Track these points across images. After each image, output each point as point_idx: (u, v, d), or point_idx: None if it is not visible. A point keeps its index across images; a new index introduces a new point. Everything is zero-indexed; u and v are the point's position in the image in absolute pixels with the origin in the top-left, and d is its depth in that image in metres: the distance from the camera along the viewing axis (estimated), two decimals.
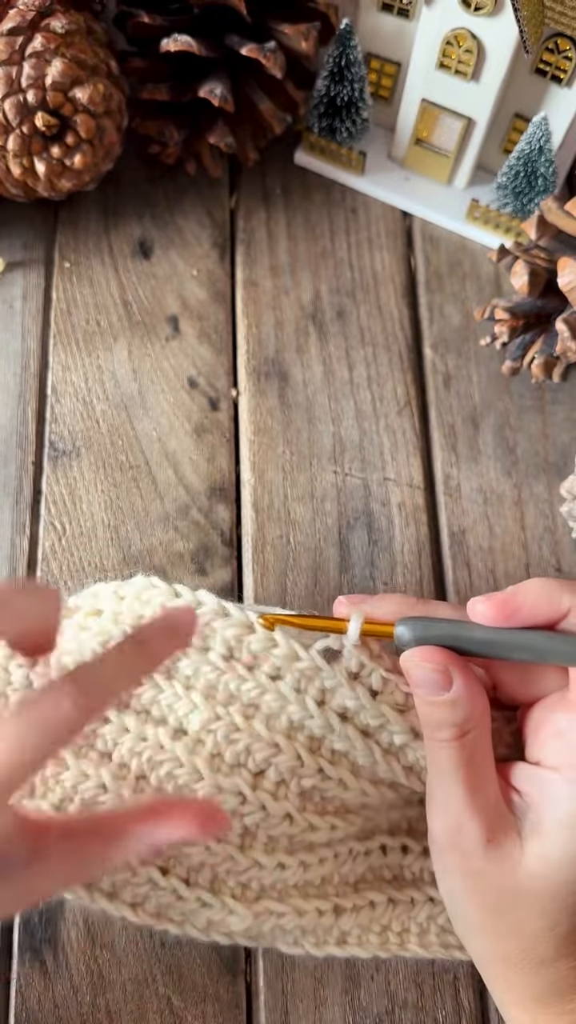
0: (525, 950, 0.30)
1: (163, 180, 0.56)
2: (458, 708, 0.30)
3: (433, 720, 0.30)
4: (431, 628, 0.31)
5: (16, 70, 0.45)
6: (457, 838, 0.30)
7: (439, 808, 0.31)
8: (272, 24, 0.50)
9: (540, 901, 0.30)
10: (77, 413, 0.49)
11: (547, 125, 0.48)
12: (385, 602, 0.32)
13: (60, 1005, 0.38)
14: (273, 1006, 0.39)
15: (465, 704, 0.30)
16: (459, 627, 0.31)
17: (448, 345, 0.53)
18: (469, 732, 0.30)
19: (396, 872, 0.37)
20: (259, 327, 0.52)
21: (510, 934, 0.30)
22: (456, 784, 0.30)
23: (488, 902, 0.30)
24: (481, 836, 0.30)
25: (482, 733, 0.31)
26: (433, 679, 0.30)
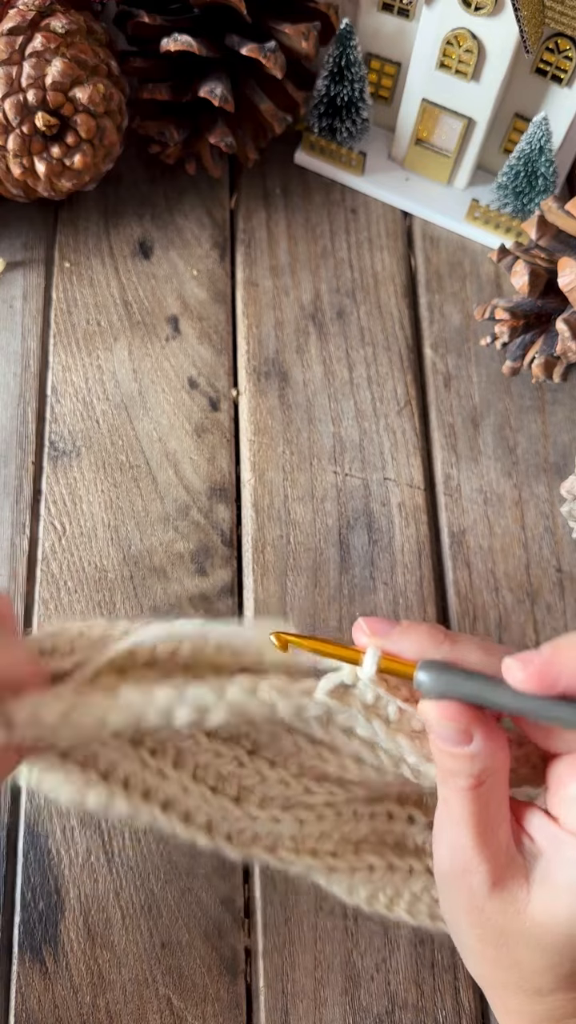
0: (524, 980, 0.30)
1: (163, 180, 0.56)
2: (476, 762, 0.29)
3: (448, 767, 0.29)
4: (455, 684, 0.28)
5: (16, 70, 0.45)
6: (465, 880, 0.30)
7: (447, 847, 0.30)
8: (272, 24, 0.50)
9: (542, 945, 0.29)
10: (77, 413, 0.49)
11: (547, 125, 0.48)
12: (409, 636, 0.30)
13: (60, 1005, 0.38)
14: (273, 1006, 0.39)
15: (484, 759, 0.29)
16: (487, 687, 0.28)
17: (448, 345, 0.53)
18: (485, 782, 0.29)
19: (399, 839, 0.37)
20: (259, 327, 0.52)
21: (509, 967, 0.30)
22: (466, 830, 0.29)
23: (489, 937, 0.30)
24: (488, 880, 0.29)
25: (499, 781, 0.29)
26: (452, 735, 0.29)
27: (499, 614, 0.46)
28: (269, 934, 0.40)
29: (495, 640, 0.46)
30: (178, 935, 0.40)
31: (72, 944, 0.39)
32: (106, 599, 0.45)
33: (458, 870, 0.30)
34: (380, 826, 0.37)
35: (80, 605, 0.45)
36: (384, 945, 0.40)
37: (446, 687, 0.28)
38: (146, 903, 0.40)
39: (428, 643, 0.29)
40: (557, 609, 0.46)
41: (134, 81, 0.52)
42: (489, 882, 0.29)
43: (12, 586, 0.45)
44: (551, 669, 0.27)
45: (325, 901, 0.40)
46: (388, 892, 0.36)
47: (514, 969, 0.30)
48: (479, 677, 0.28)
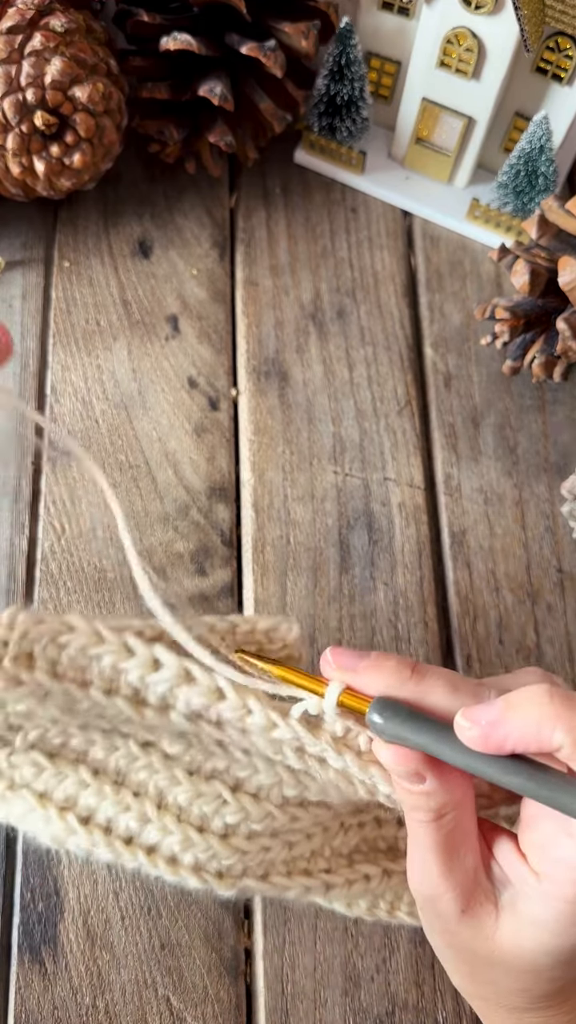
0: (501, 998, 0.31)
1: (163, 179, 0.56)
2: (432, 799, 0.29)
3: (407, 803, 0.30)
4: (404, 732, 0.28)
5: (15, 69, 0.45)
6: (435, 905, 0.30)
7: (416, 873, 0.30)
8: (272, 23, 0.50)
9: (513, 969, 0.30)
10: (76, 413, 0.49)
11: (548, 124, 0.48)
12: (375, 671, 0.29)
13: (59, 1006, 0.38)
14: (273, 1007, 0.39)
15: (440, 795, 0.28)
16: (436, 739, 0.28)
17: (448, 345, 0.52)
18: (446, 815, 0.29)
19: (391, 843, 0.37)
20: (259, 327, 0.52)
21: (486, 984, 0.31)
22: (432, 858, 0.29)
23: (464, 957, 0.31)
24: (456, 907, 0.29)
25: (460, 811, 0.29)
26: (404, 776, 0.29)
27: (499, 614, 0.46)
28: (269, 935, 0.40)
29: (495, 641, 0.46)
30: (178, 936, 0.40)
31: (71, 945, 0.39)
32: (105, 599, 0.45)
33: (427, 894, 0.30)
34: (370, 833, 0.37)
35: (79, 605, 0.45)
36: (384, 946, 0.40)
37: (395, 733, 0.28)
38: (145, 904, 0.40)
39: (394, 679, 0.29)
40: (558, 609, 0.46)
41: (133, 80, 0.52)
42: (457, 908, 0.29)
43: (11, 586, 0.45)
44: (498, 731, 0.26)
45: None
46: (388, 898, 0.36)
47: (490, 987, 0.31)
48: (430, 727, 0.28)
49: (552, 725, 0.25)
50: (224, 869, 0.34)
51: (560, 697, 0.25)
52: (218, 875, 0.34)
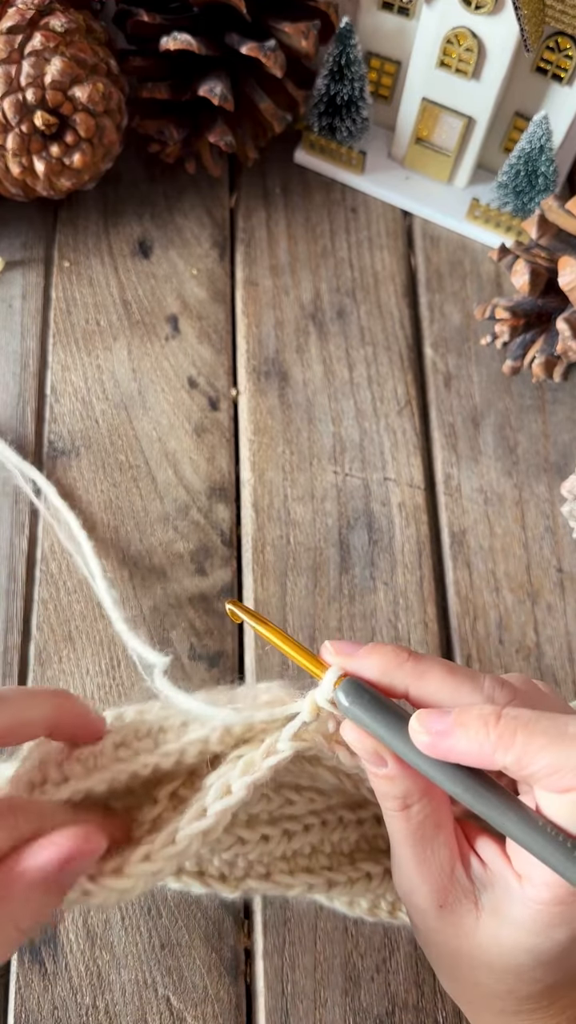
0: (487, 1001, 0.30)
1: (163, 179, 0.56)
2: (396, 784, 0.29)
3: (376, 789, 0.30)
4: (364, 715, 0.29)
5: (15, 69, 0.45)
6: (413, 899, 0.30)
7: (395, 867, 0.31)
8: (272, 23, 0.50)
9: (496, 970, 0.29)
10: (76, 413, 0.49)
11: (548, 124, 0.48)
12: (373, 656, 0.30)
13: (59, 1006, 0.38)
14: (273, 1007, 0.39)
15: (403, 781, 0.29)
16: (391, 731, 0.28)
17: (448, 345, 0.52)
18: (412, 806, 0.29)
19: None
20: (259, 327, 0.52)
21: (471, 986, 0.31)
22: (404, 851, 0.30)
23: (447, 957, 0.31)
24: (432, 901, 0.29)
25: (430, 804, 0.29)
26: (368, 756, 0.29)
27: (499, 614, 0.46)
28: (269, 935, 0.40)
29: (495, 641, 0.46)
30: (178, 936, 0.40)
31: (72, 945, 0.39)
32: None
33: (406, 889, 0.30)
34: (369, 831, 0.37)
35: (79, 605, 0.45)
36: (384, 946, 0.40)
37: (355, 716, 0.28)
38: (145, 904, 0.40)
39: (391, 662, 0.29)
40: (558, 609, 0.46)
41: (133, 80, 0.52)
42: (434, 903, 0.29)
43: (11, 586, 0.45)
44: (445, 742, 0.27)
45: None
46: (389, 899, 0.36)
47: (475, 989, 0.30)
48: (390, 718, 0.28)
49: (494, 748, 0.26)
50: (226, 869, 0.34)
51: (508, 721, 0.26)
52: (221, 878, 0.34)
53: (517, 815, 0.26)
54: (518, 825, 0.26)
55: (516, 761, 0.26)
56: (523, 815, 0.26)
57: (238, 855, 0.34)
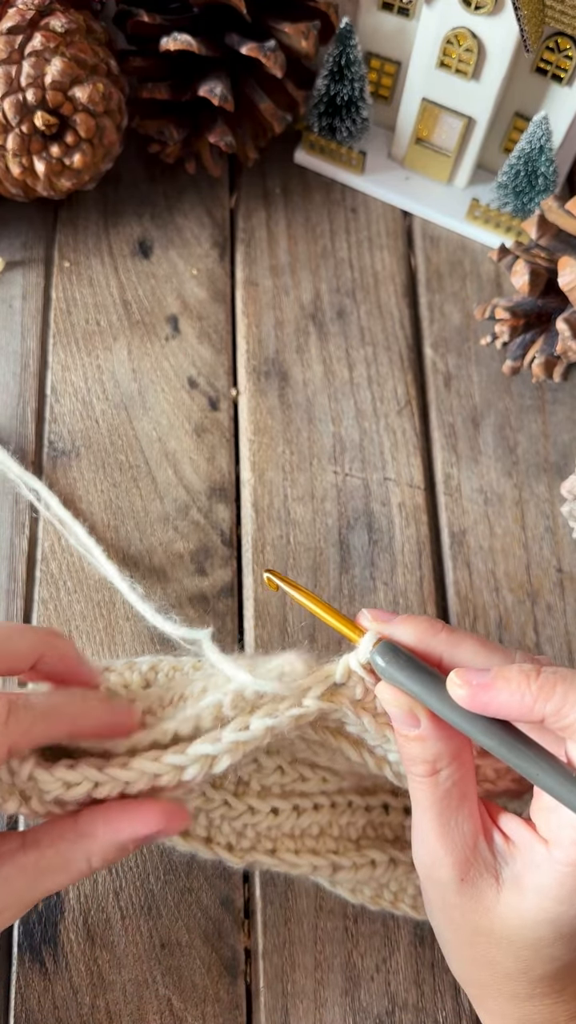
0: (500, 983, 0.30)
1: (163, 179, 0.56)
2: (428, 746, 0.30)
3: (407, 755, 0.30)
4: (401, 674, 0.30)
5: (16, 69, 0.45)
6: (434, 872, 0.30)
7: (417, 840, 0.31)
8: (272, 23, 0.50)
9: (513, 946, 0.29)
10: (77, 413, 0.49)
11: (548, 124, 0.48)
12: (408, 624, 0.31)
13: (60, 1006, 0.38)
14: (273, 1007, 0.39)
15: (435, 744, 0.29)
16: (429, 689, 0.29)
17: (448, 345, 0.52)
18: (441, 771, 0.30)
19: (398, 832, 0.37)
20: (259, 327, 0.52)
21: (485, 966, 0.30)
22: (429, 820, 0.30)
23: (463, 935, 0.31)
24: (454, 873, 0.30)
25: (458, 772, 0.30)
26: (401, 717, 0.30)
27: (499, 614, 0.46)
28: (269, 935, 0.40)
29: (495, 640, 0.46)
30: (178, 936, 0.40)
31: (72, 945, 0.39)
32: (105, 599, 0.45)
33: (427, 861, 0.30)
34: (377, 818, 0.37)
35: (80, 605, 0.45)
36: (384, 945, 0.40)
37: (392, 676, 0.30)
38: (146, 903, 0.40)
39: (426, 631, 0.30)
40: (557, 609, 0.46)
41: (134, 80, 0.52)
42: (456, 875, 0.29)
43: (12, 586, 0.45)
44: (485, 693, 0.28)
45: (325, 901, 0.40)
46: (392, 888, 0.37)
47: (489, 969, 0.30)
48: (426, 677, 0.29)
49: (535, 698, 0.27)
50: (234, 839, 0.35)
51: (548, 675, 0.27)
52: (228, 847, 0.35)
53: (551, 765, 0.27)
54: (551, 775, 0.27)
55: (556, 711, 0.27)
56: (557, 765, 0.27)
57: (247, 825, 0.35)
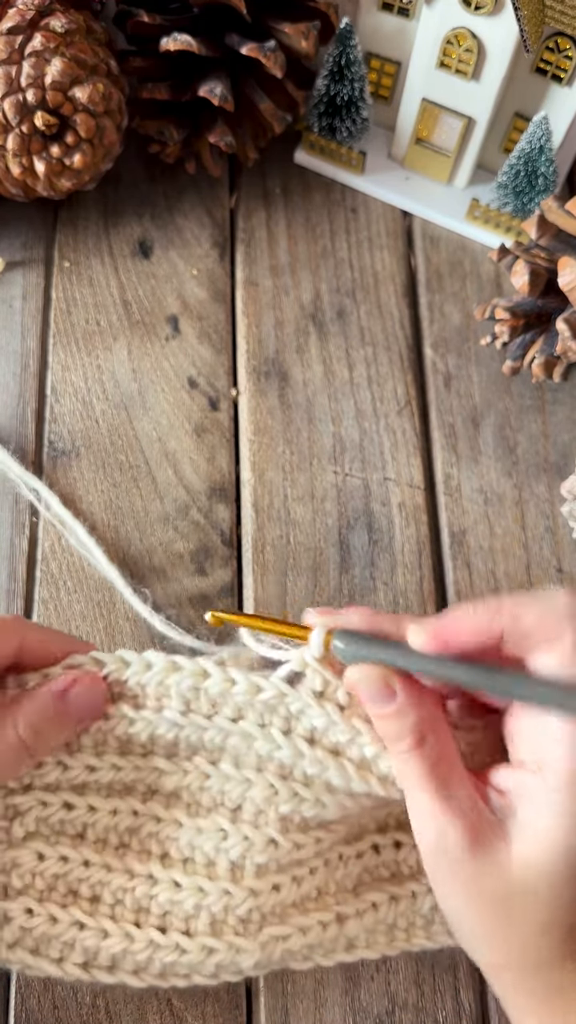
0: (523, 953, 0.30)
1: (163, 180, 0.56)
2: (407, 716, 0.30)
3: (389, 733, 0.31)
4: (365, 649, 0.31)
5: (16, 69, 0.45)
6: (442, 845, 0.30)
7: (420, 819, 0.31)
8: (272, 23, 0.50)
9: (532, 902, 0.30)
10: (77, 413, 0.49)
11: (547, 124, 0.48)
12: (353, 614, 0.33)
13: (60, 1006, 0.38)
14: (273, 1006, 0.39)
15: (413, 711, 0.30)
16: (395, 651, 0.31)
17: (448, 345, 0.53)
18: (426, 737, 0.31)
19: (393, 869, 0.37)
20: (259, 327, 0.52)
21: (508, 938, 0.30)
22: (428, 792, 0.30)
23: (483, 907, 0.30)
24: (465, 840, 0.30)
25: (441, 738, 0.31)
26: (376, 692, 0.31)
27: None
28: None
29: None
30: None
31: None
32: (105, 599, 0.45)
33: (433, 838, 0.30)
34: (370, 862, 0.37)
35: (80, 605, 0.45)
36: None
37: (356, 654, 0.31)
38: None
39: (371, 614, 0.33)
40: None
41: (134, 80, 0.52)
42: (466, 842, 0.30)
43: (12, 586, 0.45)
44: (443, 631, 0.30)
45: None
46: (401, 925, 0.36)
47: (511, 939, 0.30)
48: (387, 645, 0.31)
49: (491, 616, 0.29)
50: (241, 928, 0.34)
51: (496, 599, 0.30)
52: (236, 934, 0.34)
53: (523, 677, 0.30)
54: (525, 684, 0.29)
55: (512, 620, 0.29)
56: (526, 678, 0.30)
57: (252, 909, 0.34)
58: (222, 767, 0.34)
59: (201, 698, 0.33)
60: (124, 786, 0.35)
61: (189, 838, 0.34)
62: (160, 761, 0.35)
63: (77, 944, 0.33)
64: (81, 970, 0.34)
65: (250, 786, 0.34)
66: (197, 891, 0.34)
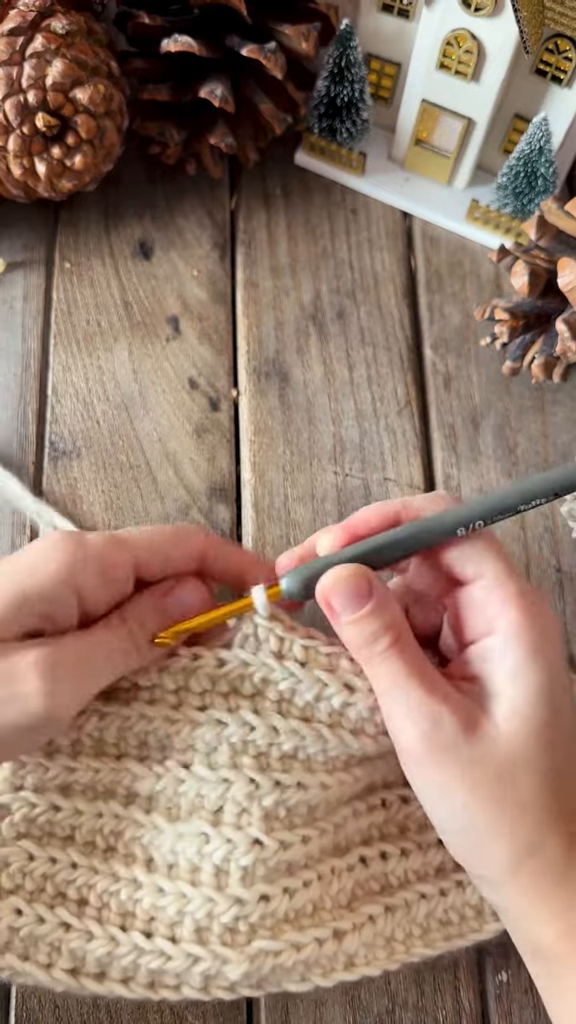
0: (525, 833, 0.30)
1: (163, 181, 0.56)
2: (385, 612, 0.32)
3: (366, 636, 0.32)
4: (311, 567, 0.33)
5: (17, 70, 0.46)
6: (437, 737, 0.30)
7: (406, 719, 0.31)
8: (272, 25, 0.50)
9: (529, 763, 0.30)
10: (77, 413, 0.49)
11: (547, 125, 0.48)
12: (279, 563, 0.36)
13: (60, 1005, 0.38)
14: (273, 1006, 0.39)
15: (387, 608, 0.32)
16: (328, 558, 0.33)
17: (448, 345, 0.53)
18: (402, 634, 0.32)
19: (383, 881, 0.37)
20: (259, 327, 0.52)
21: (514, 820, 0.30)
22: (416, 687, 0.31)
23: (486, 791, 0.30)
24: (460, 725, 0.30)
25: (411, 635, 0.32)
26: (353, 590, 0.32)
27: None
28: None
29: None
30: None
31: None
32: None
33: (427, 728, 0.30)
34: (360, 875, 0.36)
35: None
36: None
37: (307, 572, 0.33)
38: None
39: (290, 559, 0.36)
40: (557, 609, 0.46)
41: (134, 82, 0.52)
42: (461, 726, 0.30)
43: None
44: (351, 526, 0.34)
45: None
46: (399, 936, 0.36)
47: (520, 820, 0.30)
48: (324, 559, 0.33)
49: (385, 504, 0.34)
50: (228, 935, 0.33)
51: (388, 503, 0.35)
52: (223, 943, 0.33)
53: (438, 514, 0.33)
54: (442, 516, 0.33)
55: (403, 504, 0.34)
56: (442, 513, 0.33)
57: (239, 918, 0.33)
58: (196, 770, 0.34)
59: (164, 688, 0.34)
60: (105, 788, 0.35)
61: (171, 843, 0.34)
62: (133, 764, 0.35)
63: (63, 947, 0.33)
64: (70, 977, 0.33)
65: (229, 786, 0.34)
66: (180, 897, 0.33)
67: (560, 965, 0.30)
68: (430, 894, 0.37)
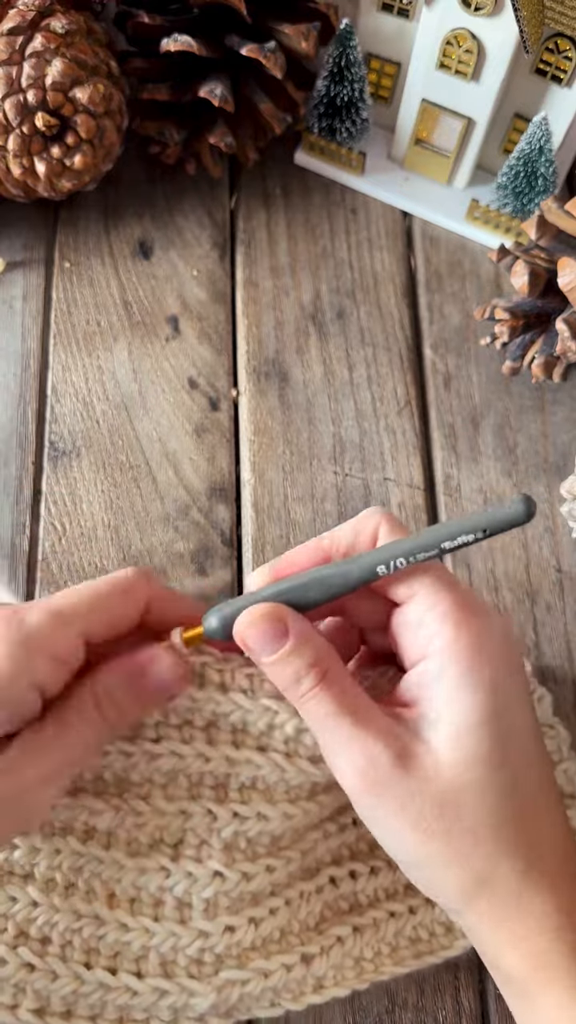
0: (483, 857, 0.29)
1: (163, 180, 0.56)
2: (304, 651, 0.30)
3: (289, 675, 0.30)
4: (233, 604, 0.32)
5: (16, 70, 0.46)
6: (372, 773, 0.29)
7: (342, 756, 0.30)
8: (272, 24, 0.50)
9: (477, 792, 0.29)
10: (77, 413, 0.49)
11: (547, 125, 0.48)
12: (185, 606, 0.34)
13: None
14: None
15: (309, 644, 0.30)
16: (248, 597, 0.32)
17: (448, 345, 0.53)
18: (328, 671, 0.30)
19: (352, 901, 0.37)
20: (259, 327, 0.52)
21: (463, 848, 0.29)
22: (348, 724, 0.30)
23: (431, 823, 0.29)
24: (393, 759, 0.29)
25: (341, 669, 0.31)
26: (268, 631, 0.30)
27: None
28: None
29: None
30: None
31: None
32: None
33: (362, 765, 0.29)
34: (329, 896, 0.36)
35: None
36: None
37: (229, 610, 0.32)
38: None
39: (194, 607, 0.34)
40: (557, 609, 0.46)
41: (134, 81, 0.52)
42: (397, 762, 0.29)
43: (12, 586, 0.45)
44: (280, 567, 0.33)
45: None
46: (368, 955, 0.36)
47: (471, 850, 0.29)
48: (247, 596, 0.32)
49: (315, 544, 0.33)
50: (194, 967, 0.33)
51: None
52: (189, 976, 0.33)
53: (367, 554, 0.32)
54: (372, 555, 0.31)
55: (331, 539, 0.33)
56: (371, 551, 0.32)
57: (204, 950, 0.33)
58: (153, 803, 0.33)
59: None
60: (62, 824, 0.34)
61: (133, 878, 0.33)
62: (89, 800, 0.34)
63: (28, 988, 0.32)
64: (36, 1017, 0.32)
65: (188, 818, 0.33)
66: (144, 932, 0.33)
67: (526, 985, 0.29)
68: (399, 912, 0.36)
